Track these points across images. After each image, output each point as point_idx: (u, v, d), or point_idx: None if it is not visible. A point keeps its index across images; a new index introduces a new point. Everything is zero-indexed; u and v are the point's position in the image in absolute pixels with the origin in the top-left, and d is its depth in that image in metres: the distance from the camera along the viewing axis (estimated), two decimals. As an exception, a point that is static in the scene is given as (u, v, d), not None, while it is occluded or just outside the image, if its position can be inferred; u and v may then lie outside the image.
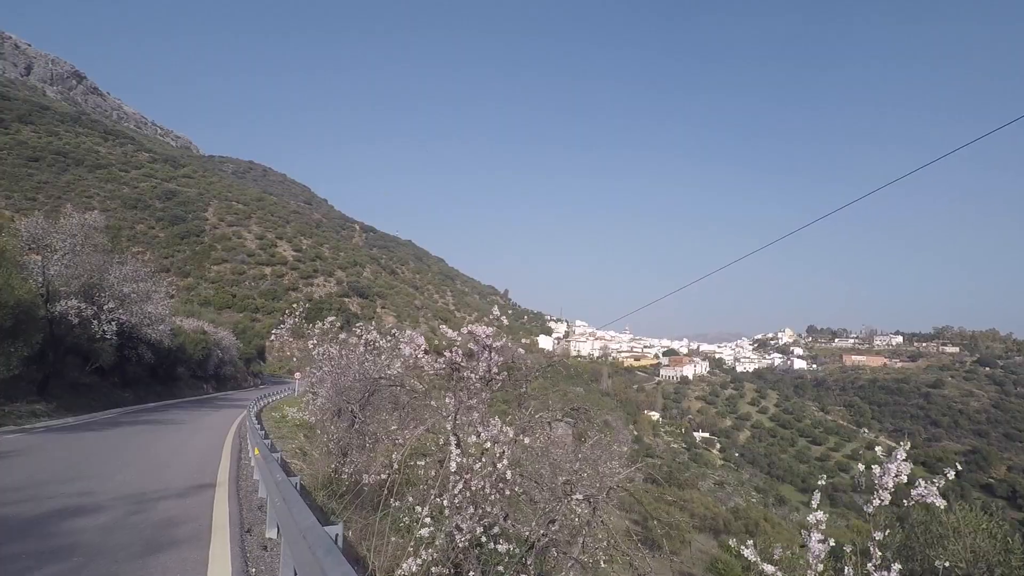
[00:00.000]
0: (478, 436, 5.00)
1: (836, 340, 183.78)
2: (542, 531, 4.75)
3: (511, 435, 5.34)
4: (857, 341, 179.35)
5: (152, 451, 11.79)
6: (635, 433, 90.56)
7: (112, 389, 26.10)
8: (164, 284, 28.41)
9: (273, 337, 18.06)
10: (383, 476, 7.28)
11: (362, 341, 15.32)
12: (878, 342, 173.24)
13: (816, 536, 4.14)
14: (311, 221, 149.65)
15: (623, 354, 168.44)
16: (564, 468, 5.53)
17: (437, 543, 4.47)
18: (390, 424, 9.95)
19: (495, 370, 6.36)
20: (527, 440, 5.04)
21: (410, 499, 5.34)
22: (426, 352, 7.24)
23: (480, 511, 4.66)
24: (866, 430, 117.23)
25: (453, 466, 4.73)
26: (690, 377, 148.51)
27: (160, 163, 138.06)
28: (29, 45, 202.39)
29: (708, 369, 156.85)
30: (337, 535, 3.49)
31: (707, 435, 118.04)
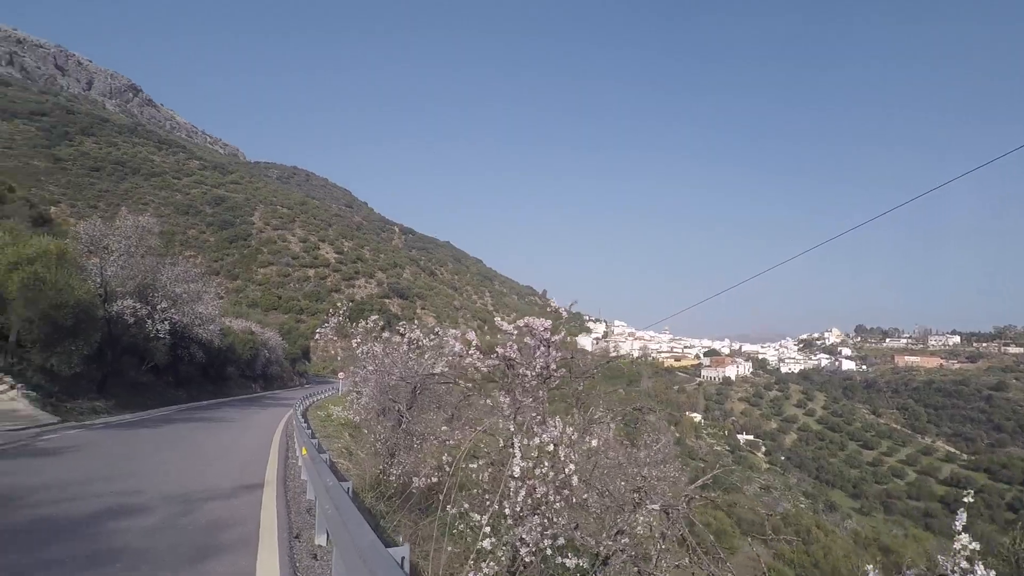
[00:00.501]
0: (538, 438, 4.61)
1: (887, 340, 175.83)
2: (610, 542, 4.36)
3: (574, 436, 4.97)
4: (910, 341, 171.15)
5: (202, 449, 11.91)
6: (677, 435, 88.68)
7: (166, 388, 26.89)
8: (213, 285, 29.12)
9: (317, 336, 18.12)
10: (433, 479, 7.00)
11: (405, 340, 15.17)
12: (933, 342, 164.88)
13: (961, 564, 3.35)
14: (352, 224, 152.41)
15: (663, 354, 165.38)
16: (629, 473, 5.10)
17: (500, 555, 4.12)
18: (438, 424, 9.72)
19: (553, 366, 6.00)
20: (595, 442, 4.63)
21: (465, 505, 5.02)
22: (477, 348, 6.96)
23: (545, 520, 4.29)
24: (921, 435, 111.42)
25: (517, 471, 4.36)
26: (732, 378, 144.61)
27: (209, 170, 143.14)
28: (90, 61, 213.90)
29: (751, 370, 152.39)
30: (403, 559, 3.05)
31: (751, 437, 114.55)
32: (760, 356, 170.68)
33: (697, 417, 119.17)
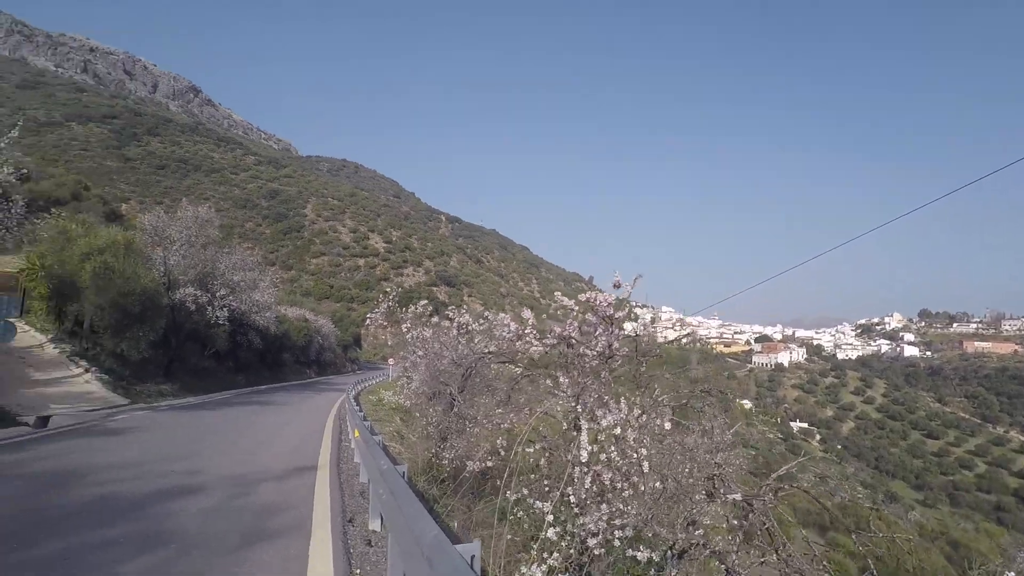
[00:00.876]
0: (604, 420, 4.26)
1: (955, 325, 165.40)
2: (682, 535, 3.99)
3: (643, 419, 4.61)
4: (980, 326, 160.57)
5: (258, 431, 12.16)
6: (727, 422, 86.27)
7: (227, 373, 27.90)
8: (269, 274, 29.97)
9: (368, 322, 18.28)
10: (488, 463, 6.77)
11: (455, 324, 15.01)
12: (1007, 327, 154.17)
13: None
14: (400, 214, 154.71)
15: (712, 340, 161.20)
16: (700, 460, 4.69)
17: (565, 546, 3.82)
18: (491, 408, 9.51)
19: (616, 345, 5.64)
20: (667, 424, 4.26)
21: (524, 491, 4.73)
22: (533, 327, 6.65)
23: (613, 509, 3.96)
24: (992, 425, 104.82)
25: (584, 456, 4.04)
26: (785, 364, 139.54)
27: (264, 165, 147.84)
28: (155, 66, 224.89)
29: (805, 356, 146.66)
30: (473, 558, 2.65)
31: (805, 425, 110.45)
32: (815, 342, 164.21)
33: (748, 404, 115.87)
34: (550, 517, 4.08)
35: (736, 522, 4.14)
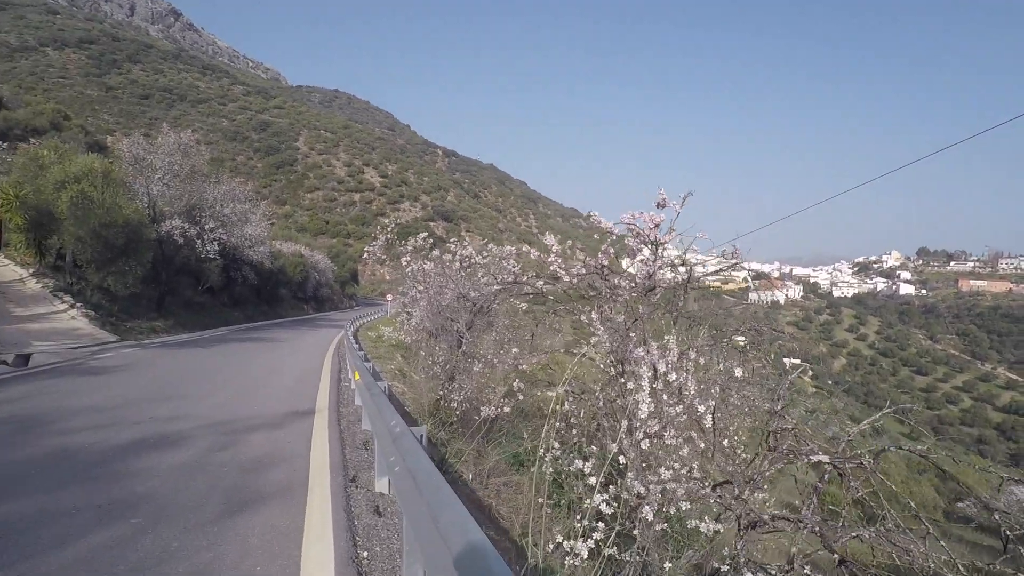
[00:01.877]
0: (653, 366, 3.47)
1: (952, 263, 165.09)
2: (754, 503, 3.30)
3: (700, 362, 3.84)
4: (978, 265, 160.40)
5: (252, 370, 11.43)
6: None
7: (223, 308, 27.25)
8: (261, 207, 28.72)
9: (365, 255, 17.44)
10: (505, 409, 6.07)
11: (457, 257, 14.17)
12: (1004, 265, 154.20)
13: None
14: (395, 147, 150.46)
15: (709, 277, 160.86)
16: (759, 413, 3.95)
17: (611, 514, 3.11)
18: (501, 346, 8.79)
19: (659, 274, 4.80)
20: (739, 371, 3.47)
21: (555, 445, 3.99)
22: (558, 256, 5.78)
23: (677, 471, 3.24)
24: (981, 362, 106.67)
25: (644, 410, 3.27)
26: (781, 302, 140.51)
27: (253, 95, 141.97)
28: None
29: (801, 294, 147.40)
30: None
31: (797, 361, 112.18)
32: (812, 280, 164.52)
33: (742, 340, 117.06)
34: (592, 479, 3.36)
35: (813, 488, 3.44)
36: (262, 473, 4.51)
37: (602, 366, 4.75)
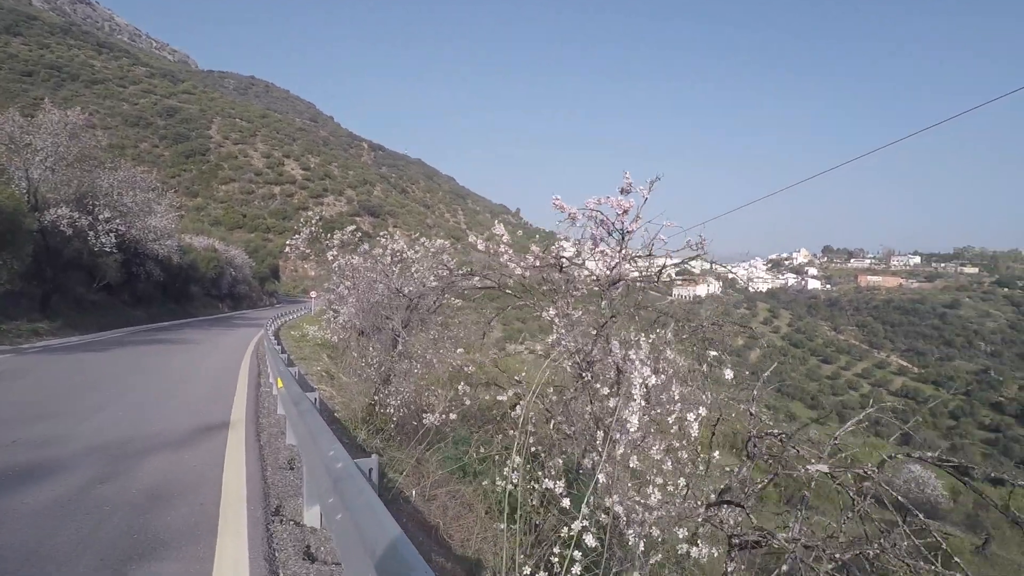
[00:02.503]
0: (642, 371, 2.99)
1: (852, 260, 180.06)
2: (750, 523, 2.89)
3: (677, 362, 3.41)
4: (874, 262, 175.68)
5: (155, 377, 10.06)
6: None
7: (123, 307, 24.69)
8: (168, 196, 26.23)
9: (287, 249, 16.31)
10: (451, 415, 5.45)
11: (388, 251, 13.43)
12: (895, 263, 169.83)
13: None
14: (318, 139, 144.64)
15: (669, 270, 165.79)
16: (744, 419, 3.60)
17: (591, 542, 2.60)
18: (444, 345, 8.13)
19: (627, 267, 4.35)
20: (729, 373, 3.06)
21: (517, 460, 3.43)
22: (508, 247, 5.23)
23: (668, 490, 2.77)
24: (877, 351, 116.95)
25: (635, 423, 2.76)
26: (703, 296, 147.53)
27: (158, 78, 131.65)
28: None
29: (721, 288, 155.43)
30: None
31: (715, 353, 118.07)
32: (730, 276, 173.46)
33: (669, 334, 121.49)
34: (566, 502, 2.83)
35: (800, 500, 3.08)
36: (159, 510, 3.59)
37: (568, 368, 4.24)
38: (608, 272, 4.50)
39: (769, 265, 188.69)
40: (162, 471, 4.38)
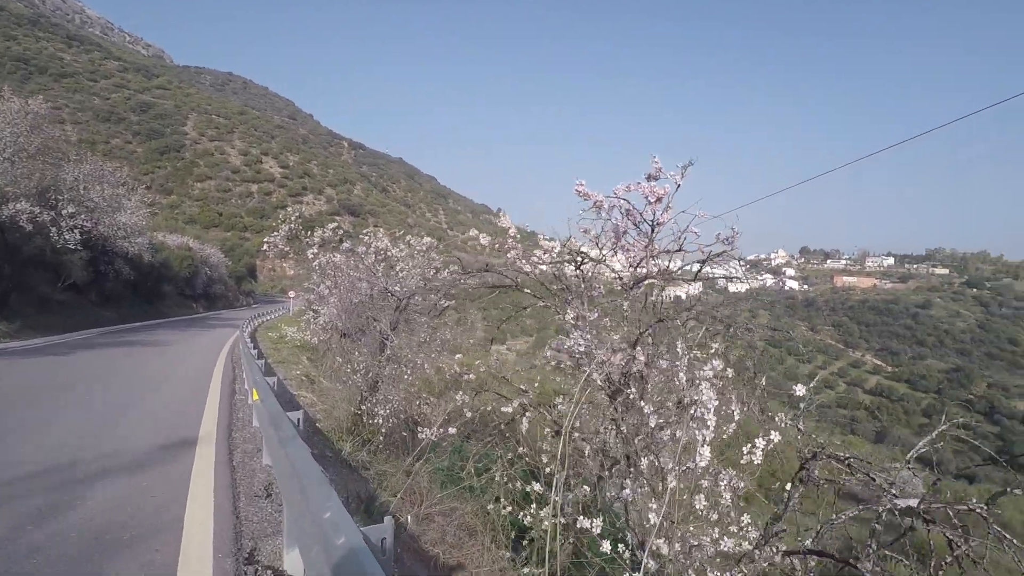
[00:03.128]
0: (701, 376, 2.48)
1: (828, 261, 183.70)
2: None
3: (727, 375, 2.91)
4: (849, 263, 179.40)
5: (119, 384, 9.21)
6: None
7: (91, 307, 23.57)
8: (139, 192, 25.09)
9: (265, 248, 15.54)
10: (451, 429, 4.88)
11: (372, 249, 12.81)
12: (870, 263, 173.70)
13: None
14: (297, 137, 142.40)
15: (615, 273, 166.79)
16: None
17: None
18: (433, 349, 7.55)
19: (653, 263, 3.83)
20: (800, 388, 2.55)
21: (536, 486, 2.89)
22: (514, 241, 4.67)
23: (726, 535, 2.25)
24: (852, 350, 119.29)
25: (706, 455, 2.23)
26: (684, 297, 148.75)
27: (132, 73, 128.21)
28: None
29: (701, 289, 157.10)
30: None
31: (697, 353, 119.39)
32: (709, 276, 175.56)
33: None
34: (607, 545, 2.29)
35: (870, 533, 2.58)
36: (103, 561, 2.90)
37: (599, 381, 3.70)
38: (631, 269, 3.99)
39: (747, 266, 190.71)
40: (113, 505, 3.66)
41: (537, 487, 3.50)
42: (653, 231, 3.75)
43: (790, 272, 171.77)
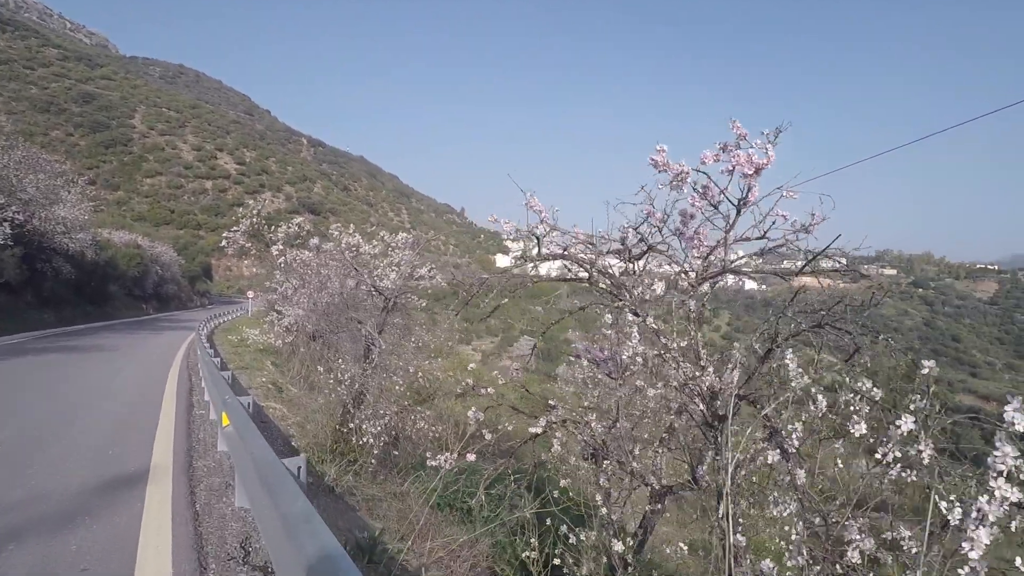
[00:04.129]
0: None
1: (784, 262, 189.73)
2: None
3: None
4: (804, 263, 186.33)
5: (50, 398, 7.80)
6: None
7: (26, 309, 21.58)
8: (80, 184, 23.10)
9: (224, 243, 14.33)
10: (470, 455, 4.04)
11: (343, 245, 11.82)
12: (824, 264, 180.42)
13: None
14: (254, 132, 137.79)
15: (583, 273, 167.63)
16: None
17: None
18: (413, 356, 6.65)
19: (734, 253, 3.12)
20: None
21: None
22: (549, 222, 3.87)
23: None
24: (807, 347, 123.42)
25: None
26: (648, 297, 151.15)
27: (73, 61, 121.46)
28: None
29: (664, 289, 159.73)
30: None
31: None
32: (672, 276, 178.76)
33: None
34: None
35: None
36: None
37: (700, 407, 2.94)
38: (702, 260, 3.26)
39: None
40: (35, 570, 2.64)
41: (588, 534, 2.75)
42: (739, 212, 3.02)
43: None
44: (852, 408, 2.55)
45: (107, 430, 5.90)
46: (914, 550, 2.06)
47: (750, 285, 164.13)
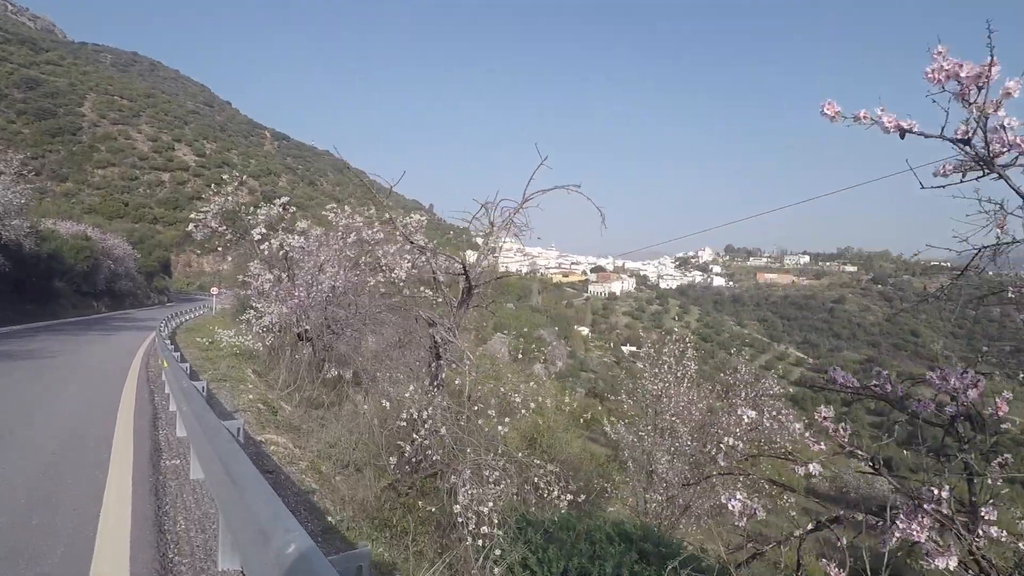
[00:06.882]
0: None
1: (751, 259, 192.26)
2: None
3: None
4: (769, 260, 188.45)
5: None
6: (569, 348, 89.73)
7: (-48, 309, 18.59)
8: (13, 162, 19.98)
9: (192, 227, 12.09)
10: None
11: (341, 228, 9.94)
12: (788, 261, 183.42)
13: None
14: (214, 124, 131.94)
15: (551, 270, 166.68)
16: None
17: None
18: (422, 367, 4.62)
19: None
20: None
21: None
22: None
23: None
24: (777, 343, 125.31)
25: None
26: (617, 293, 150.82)
27: (15, 45, 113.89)
28: None
29: (635, 286, 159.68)
30: None
31: (634, 348, 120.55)
32: (641, 272, 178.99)
33: (585, 331, 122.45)
34: None
35: None
36: None
37: None
38: None
39: (677, 263, 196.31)
40: None
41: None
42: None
43: (716, 269, 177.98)
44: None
45: (42, 467, 3.51)
46: None
47: (719, 282, 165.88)
